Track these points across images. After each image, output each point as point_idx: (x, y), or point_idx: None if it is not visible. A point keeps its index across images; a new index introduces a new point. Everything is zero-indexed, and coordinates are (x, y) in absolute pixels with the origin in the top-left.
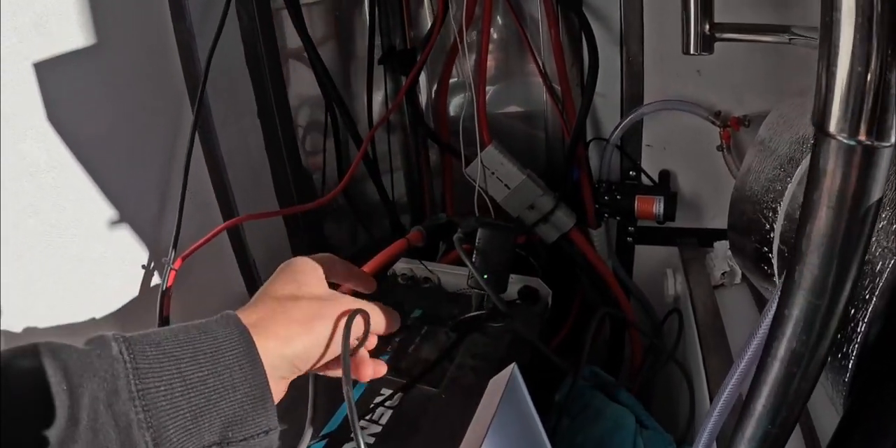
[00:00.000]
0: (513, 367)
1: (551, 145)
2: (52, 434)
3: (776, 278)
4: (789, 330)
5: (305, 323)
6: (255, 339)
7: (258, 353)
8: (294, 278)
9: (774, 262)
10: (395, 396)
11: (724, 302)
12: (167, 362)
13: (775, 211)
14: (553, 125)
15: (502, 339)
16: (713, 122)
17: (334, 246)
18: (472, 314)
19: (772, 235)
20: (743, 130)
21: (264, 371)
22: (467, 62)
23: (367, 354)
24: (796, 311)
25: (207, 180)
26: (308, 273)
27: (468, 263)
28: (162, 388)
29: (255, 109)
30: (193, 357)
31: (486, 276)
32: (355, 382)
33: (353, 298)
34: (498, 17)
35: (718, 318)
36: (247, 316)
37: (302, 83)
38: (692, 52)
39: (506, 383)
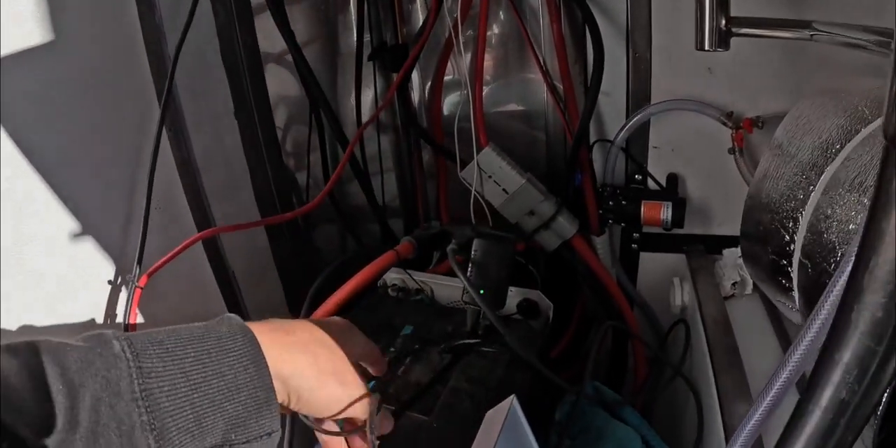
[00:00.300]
0: (512, 400)
1: (552, 147)
2: (51, 440)
3: (794, 293)
4: (838, 376)
5: (327, 373)
6: (265, 349)
7: (263, 355)
8: (338, 335)
9: (794, 276)
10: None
11: (734, 314)
12: (170, 361)
13: (796, 221)
14: (554, 126)
15: (500, 361)
16: (725, 124)
17: (321, 255)
18: (465, 342)
19: (792, 247)
20: (756, 133)
21: (269, 373)
22: (463, 58)
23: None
24: (849, 355)
25: (179, 187)
26: (348, 341)
27: (462, 278)
28: (166, 389)
29: (232, 109)
30: (197, 357)
31: (482, 292)
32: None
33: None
34: (496, 11)
35: (730, 332)
36: (278, 335)
37: (284, 81)
38: (707, 48)
39: (504, 417)
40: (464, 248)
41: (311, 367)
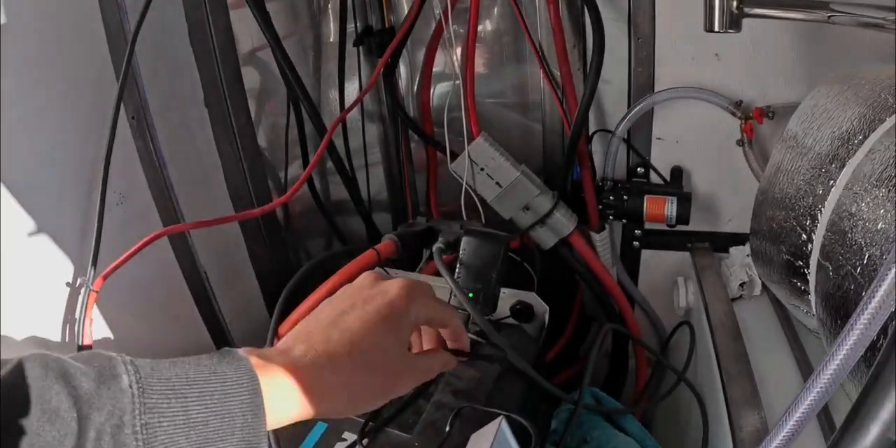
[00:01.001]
0: (500, 422)
1: (549, 138)
2: None
3: (811, 296)
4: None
5: (364, 399)
6: (291, 393)
7: (262, 404)
8: (388, 328)
9: (811, 278)
10: (360, 443)
11: (743, 317)
12: (174, 400)
13: (814, 219)
14: (551, 115)
15: (490, 371)
16: (733, 113)
17: (305, 253)
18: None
19: (809, 247)
20: (767, 123)
21: (265, 421)
22: (454, 43)
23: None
24: None
25: (143, 180)
26: (405, 324)
27: (448, 280)
28: (164, 424)
29: (202, 96)
30: (200, 397)
31: (470, 295)
32: None
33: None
34: None
35: (739, 337)
36: (303, 369)
37: (260, 66)
38: (717, 29)
39: (492, 441)
40: (452, 246)
41: (347, 408)
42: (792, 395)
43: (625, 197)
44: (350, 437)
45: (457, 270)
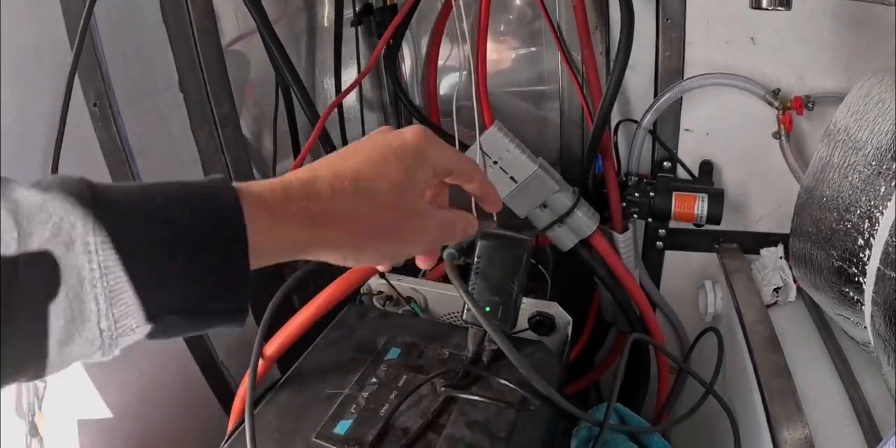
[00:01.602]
0: None
1: (567, 129)
2: None
3: (866, 307)
4: None
5: (373, 238)
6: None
7: (245, 230)
8: (400, 162)
9: (868, 287)
10: None
11: (779, 327)
12: (137, 216)
13: (873, 221)
14: (570, 104)
15: (510, 397)
16: (770, 103)
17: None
18: (465, 371)
19: (867, 253)
20: (806, 115)
21: (246, 251)
22: (463, 24)
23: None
24: None
25: (106, 175)
26: (423, 168)
27: (462, 292)
28: (124, 243)
29: (177, 80)
30: (166, 214)
31: (487, 309)
32: None
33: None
34: None
35: (778, 349)
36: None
37: (246, 49)
38: (765, 5)
39: None
40: (465, 252)
41: (349, 241)
42: (837, 413)
43: (651, 194)
44: None
45: (471, 280)
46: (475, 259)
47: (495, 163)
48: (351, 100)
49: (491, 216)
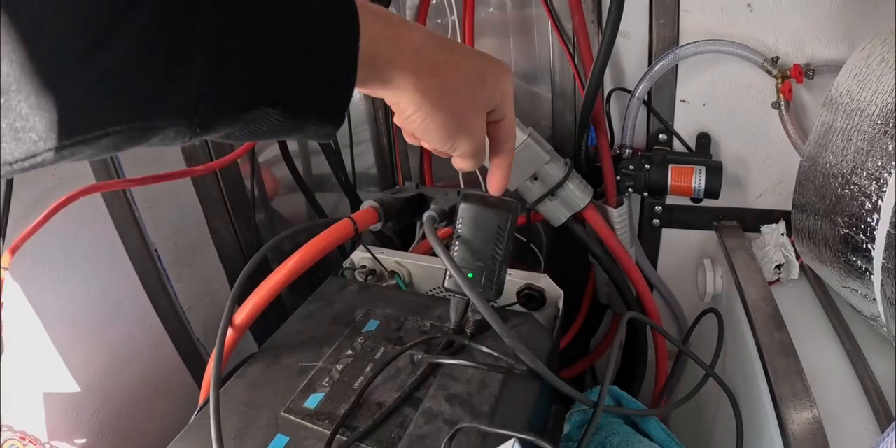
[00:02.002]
0: (512, 444)
1: (558, 101)
2: None
3: (874, 276)
4: None
5: (453, 99)
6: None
7: (358, 25)
8: (492, 76)
9: (877, 254)
10: None
11: (782, 305)
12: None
13: (881, 182)
14: (562, 74)
15: (494, 371)
16: (769, 72)
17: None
18: (446, 341)
19: (875, 218)
20: (806, 84)
21: (356, 47)
22: None
23: None
24: None
25: None
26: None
27: (443, 256)
28: (239, 21)
29: None
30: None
31: (470, 275)
32: None
33: None
34: None
35: (783, 327)
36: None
37: None
38: None
39: None
40: (447, 216)
41: (437, 87)
42: (846, 392)
43: (647, 166)
44: None
45: (453, 246)
46: (457, 222)
47: None
48: None
49: (478, 184)
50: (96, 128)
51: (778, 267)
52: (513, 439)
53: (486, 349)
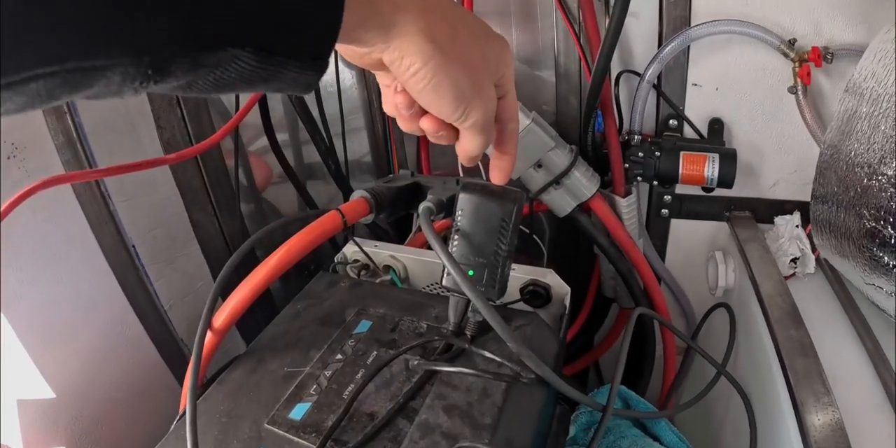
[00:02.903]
0: None
1: (564, 83)
2: None
3: None
4: None
5: (462, 53)
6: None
7: None
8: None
9: None
10: None
11: (798, 300)
12: None
13: None
14: (567, 56)
15: (496, 379)
16: (786, 55)
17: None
18: (444, 344)
19: None
20: (825, 69)
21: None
22: None
23: None
24: None
25: (43, 129)
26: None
27: (441, 253)
28: None
29: None
30: None
31: (471, 272)
32: None
33: None
34: None
35: (801, 325)
36: None
37: None
38: None
39: None
40: (445, 207)
41: (447, 39)
42: (867, 395)
43: (657, 153)
44: None
45: (452, 240)
46: (456, 214)
47: None
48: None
49: (478, 173)
50: (23, 69)
51: (793, 260)
52: None
53: (487, 354)
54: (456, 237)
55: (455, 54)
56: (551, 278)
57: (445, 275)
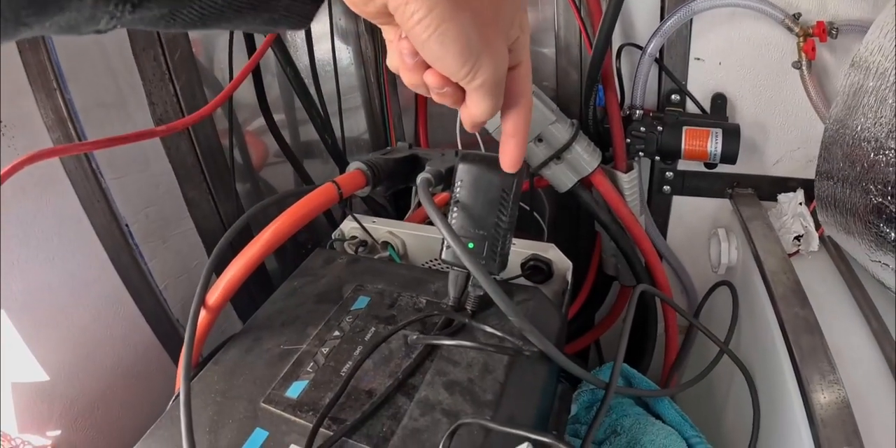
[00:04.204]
0: None
1: (564, 56)
2: None
3: None
4: None
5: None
6: None
7: None
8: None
9: None
10: None
11: (802, 278)
12: None
13: None
14: (567, 29)
15: (497, 354)
16: (790, 29)
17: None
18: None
19: None
20: (829, 44)
21: None
22: None
23: None
24: None
25: (33, 107)
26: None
27: (440, 224)
28: None
29: None
30: None
31: (471, 245)
32: None
33: None
34: None
35: (806, 303)
36: None
37: None
38: None
39: None
40: (443, 179)
41: None
42: (872, 373)
43: (659, 128)
44: None
45: (451, 212)
46: (455, 185)
47: None
48: (324, 28)
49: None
50: None
51: (797, 238)
52: (526, 443)
53: (488, 329)
54: (455, 209)
55: (465, 1)
56: (553, 253)
57: (445, 248)
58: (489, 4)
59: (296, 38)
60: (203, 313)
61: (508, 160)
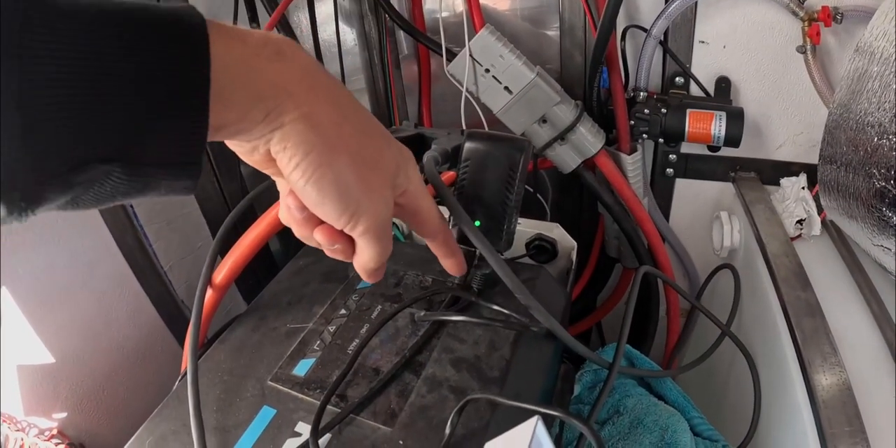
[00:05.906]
0: (535, 425)
1: (568, 38)
2: None
3: None
4: None
5: (350, 142)
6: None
7: (208, 46)
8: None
9: None
10: (315, 441)
11: (804, 262)
12: (70, 24)
13: None
14: (571, 11)
15: (505, 331)
16: (795, 13)
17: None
18: (451, 296)
19: None
20: (834, 29)
21: (206, 75)
22: None
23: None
24: None
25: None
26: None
27: (447, 200)
28: (48, 55)
29: None
30: (106, 29)
31: (477, 223)
32: None
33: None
34: None
35: (808, 287)
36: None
37: None
38: None
39: None
40: (450, 157)
41: (333, 125)
42: (873, 356)
43: (663, 110)
44: (304, 429)
45: (457, 190)
46: (461, 164)
47: (487, 71)
48: (326, 10)
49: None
50: None
51: (799, 222)
52: (536, 417)
53: (495, 307)
54: (462, 187)
55: (341, 144)
56: (557, 233)
57: (451, 226)
58: (370, 149)
59: (301, 21)
60: (209, 292)
61: (455, 270)
